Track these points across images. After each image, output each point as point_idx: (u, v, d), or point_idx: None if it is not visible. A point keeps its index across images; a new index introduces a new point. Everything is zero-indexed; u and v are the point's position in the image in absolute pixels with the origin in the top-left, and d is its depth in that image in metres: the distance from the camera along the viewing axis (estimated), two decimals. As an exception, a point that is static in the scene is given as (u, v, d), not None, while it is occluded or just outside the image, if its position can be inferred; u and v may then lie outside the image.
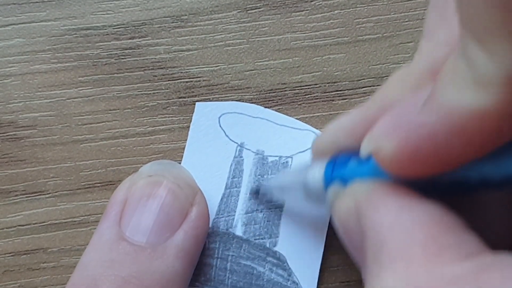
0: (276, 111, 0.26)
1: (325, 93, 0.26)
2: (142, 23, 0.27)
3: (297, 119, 0.26)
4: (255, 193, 0.25)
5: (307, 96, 0.26)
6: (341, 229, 0.19)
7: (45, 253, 0.25)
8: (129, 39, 0.27)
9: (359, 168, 0.19)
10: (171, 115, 0.26)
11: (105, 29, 0.27)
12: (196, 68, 0.27)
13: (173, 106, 0.26)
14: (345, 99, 0.26)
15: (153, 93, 0.26)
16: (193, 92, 0.26)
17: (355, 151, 0.19)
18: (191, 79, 0.26)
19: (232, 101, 0.26)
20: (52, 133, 0.26)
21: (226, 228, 0.25)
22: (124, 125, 0.26)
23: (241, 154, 0.26)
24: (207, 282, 0.24)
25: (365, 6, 0.27)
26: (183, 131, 0.26)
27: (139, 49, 0.27)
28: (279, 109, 0.26)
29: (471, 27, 0.14)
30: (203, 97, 0.26)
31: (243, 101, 0.26)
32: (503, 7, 0.13)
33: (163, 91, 0.26)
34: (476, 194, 0.18)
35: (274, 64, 0.27)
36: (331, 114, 0.26)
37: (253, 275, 0.24)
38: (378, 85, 0.26)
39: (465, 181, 0.16)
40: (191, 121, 0.26)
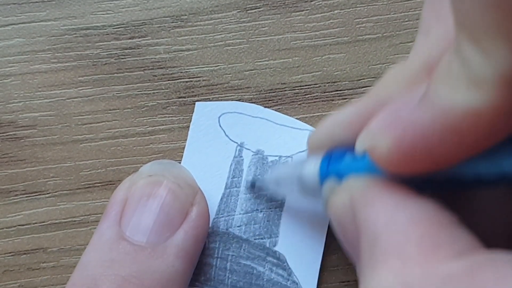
0: (276, 111, 0.26)
1: (325, 93, 0.26)
2: (142, 23, 0.27)
3: (297, 119, 0.26)
4: (251, 186, 0.25)
5: (307, 96, 0.26)
6: (336, 225, 0.19)
7: (45, 253, 0.25)
8: (129, 39, 0.27)
9: (355, 164, 0.19)
10: (171, 115, 0.26)
11: (105, 29, 0.27)
12: (196, 68, 0.27)
13: (173, 106, 0.26)
14: (345, 99, 0.26)
15: (153, 93, 0.26)
16: (193, 92, 0.26)
17: (350, 146, 0.19)
18: (191, 79, 0.26)
19: (232, 101, 0.26)
20: (52, 133, 0.26)
21: (226, 228, 0.25)
22: (124, 125, 0.26)
23: (241, 154, 0.26)
24: (207, 281, 0.24)
25: (365, 6, 0.27)
26: (183, 131, 0.26)
27: (139, 49, 0.27)
28: (279, 109, 0.26)
29: (465, 26, 0.14)
30: (203, 97, 0.26)
31: (243, 101, 0.26)
32: (497, 7, 0.13)
33: (163, 91, 0.26)
34: (470, 190, 0.18)
35: (274, 64, 0.27)
36: (331, 113, 0.26)
37: (253, 275, 0.24)
38: (378, 85, 0.26)
39: (459, 178, 0.16)
40: (191, 121, 0.26)
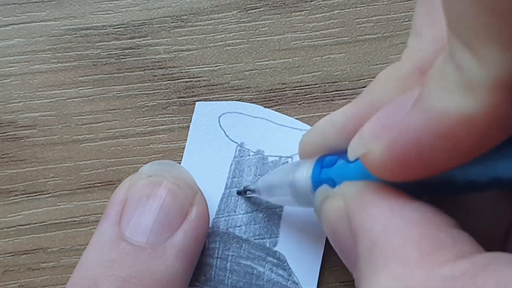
0: (276, 111, 0.26)
1: (325, 93, 0.26)
2: (142, 23, 0.27)
3: (297, 119, 0.26)
4: (242, 193, 0.25)
5: (307, 96, 0.26)
6: (329, 231, 0.19)
7: (45, 253, 0.25)
8: (129, 39, 0.27)
9: (348, 169, 0.19)
10: (171, 115, 0.26)
11: (105, 29, 0.27)
12: (196, 68, 0.27)
13: (173, 106, 0.26)
14: (345, 99, 0.26)
15: (153, 93, 0.26)
16: (193, 92, 0.26)
17: (343, 150, 0.19)
18: (191, 79, 0.26)
19: (232, 101, 0.26)
20: (52, 133, 0.26)
21: (226, 228, 0.25)
22: (124, 125, 0.26)
23: (241, 154, 0.26)
24: (207, 282, 0.24)
25: (365, 6, 0.27)
26: (183, 131, 0.26)
27: (139, 49, 0.27)
28: (279, 109, 0.26)
29: (458, 30, 0.14)
30: (203, 97, 0.26)
31: (243, 101, 0.26)
32: (489, 11, 0.13)
33: (163, 91, 0.26)
34: (464, 195, 0.18)
35: (274, 64, 0.27)
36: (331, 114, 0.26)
37: (253, 275, 0.24)
38: (378, 85, 0.26)
39: (453, 183, 0.16)
40: (191, 121, 0.26)
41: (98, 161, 0.26)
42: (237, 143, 0.26)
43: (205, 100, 0.26)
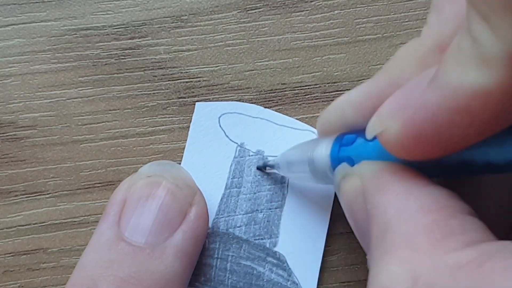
0: (276, 111, 0.26)
1: (325, 93, 0.26)
2: (142, 23, 0.27)
3: (297, 119, 0.26)
4: (262, 168, 0.25)
5: (307, 96, 0.26)
6: (347, 210, 0.19)
7: (45, 253, 0.25)
8: (129, 39, 0.27)
9: (366, 147, 0.18)
10: (171, 115, 0.26)
11: (105, 29, 0.27)
12: (196, 68, 0.27)
13: (173, 106, 0.26)
14: (345, 99, 0.26)
15: (153, 93, 0.26)
16: (193, 92, 0.26)
17: (361, 128, 0.19)
18: (191, 79, 0.26)
19: (232, 101, 0.26)
20: (52, 133, 0.26)
21: (226, 228, 0.25)
22: (124, 125, 0.26)
23: (241, 154, 0.26)
24: (207, 282, 0.24)
25: (365, 6, 0.27)
26: (183, 131, 0.26)
27: (139, 49, 0.27)
28: (279, 109, 0.26)
29: (476, 3, 0.14)
30: (203, 97, 0.26)
31: (243, 101, 0.26)
32: None
33: (163, 91, 0.26)
34: (480, 176, 0.18)
35: (274, 64, 0.27)
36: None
37: (253, 275, 0.24)
38: (378, 85, 0.26)
39: (470, 164, 0.16)
40: (191, 121, 0.26)
41: (98, 162, 0.26)
42: (237, 143, 0.26)
43: (205, 100, 0.26)
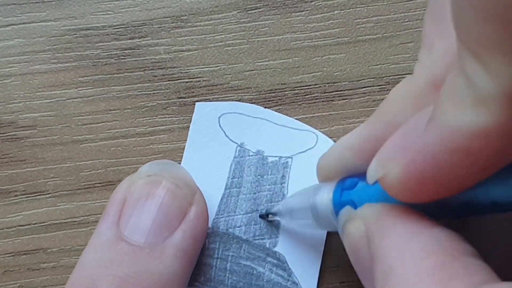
0: (276, 111, 0.26)
1: (325, 93, 0.26)
2: (142, 23, 0.27)
3: (297, 119, 0.26)
4: (264, 217, 0.25)
5: (307, 96, 0.26)
6: (351, 253, 0.19)
7: (45, 253, 0.25)
8: (129, 39, 0.27)
9: (368, 191, 0.18)
10: (171, 115, 0.26)
11: (105, 29, 0.27)
12: (196, 68, 0.27)
13: (173, 106, 0.26)
14: (345, 99, 0.26)
15: (153, 93, 0.26)
16: (193, 92, 0.26)
17: (362, 172, 0.18)
18: (191, 79, 0.26)
19: (232, 101, 0.26)
20: (52, 133, 0.26)
21: (226, 228, 0.25)
22: (124, 125, 0.26)
23: (241, 154, 0.26)
24: (207, 282, 0.24)
25: (365, 6, 0.27)
26: (183, 131, 0.26)
27: (139, 49, 0.27)
28: (279, 109, 0.26)
29: (467, 42, 0.14)
30: (203, 97, 0.26)
31: (243, 101, 0.26)
32: (497, 21, 0.13)
33: (163, 91, 0.26)
34: (485, 216, 0.18)
35: (274, 64, 0.27)
36: (331, 114, 0.26)
37: (253, 276, 0.24)
38: (378, 85, 0.26)
39: (474, 203, 0.16)
40: (191, 121, 0.26)
41: (98, 162, 0.26)
42: (237, 143, 0.26)
43: (205, 100, 0.26)
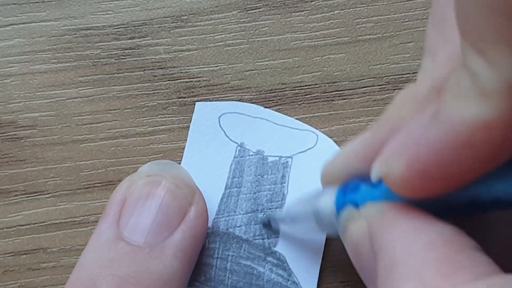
0: (276, 111, 0.26)
1: (325, 93, 0.26)
2: (142, 23, 0.27)
3: (297, 119, 0.26)
4: (266, 224, 0.25)
5: (307, 96, 0.26)
6: (352, 252, 0.19)
7: (45, 253, 0.25)
8: (129, 39, 0.27)
9: (371, 192, 0.18)
10: (171, 115, 0.26)
11: (105, 29, 0.27)
12: (196, 68, 0.27)
13: (173, 106, 0.26)
14: (345, 99, 0.26)
15: (153, 93, 0.26)
16: (193, 92, 0.26)
17: (366, 176, 0.18)
18: (191, 79, 0.26)
19: (232, 101, 0.26)
20: (52, 133, 0.26)
21: (226, 228, 0.25)
22: (124, 125, 0.26)
23: (241, 154, 0.26)
24: (207, 282, 0.24)
25: (365, 6, 0.27)
26: (183, 131, 0.26)
27: (139, 49, 0.27)
28: (279, 109, 0.26)
29: (470, 36, 0.14)
30: (203, 97, 0.26)
31: (243, 101, 0.26)
32: (499, 13, 0.13)
33: (163, 91, 0.26)
34: (488, 214, 0.18)
35: (274, 64, 0.27)
36: (331, 114, 0.26)
37: (253, 275, 0.24)
38: (378, 85, 0.26)
39: (478, 201, 0.16)
40: (191, 121, 0.26)
41: (98, 161, 0.26)
42: (237, 143, 0.26)
43: (205, 100, 0.26)
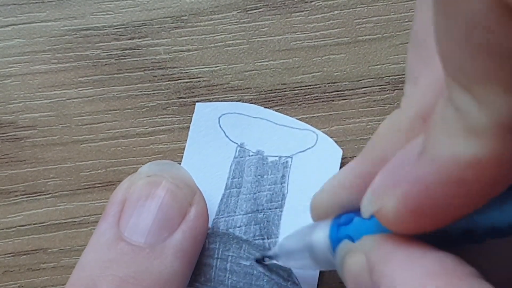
0: (276, 111, 0.26)
1: (325, 93, 0.26)
2: (142, 23, 0.27)
3: (297, 119, 0.26)
4: (261, 261, 0.24)
5: (307, 97, 0.26)
6: (352, 285, 0.18)
7: (45, 254, 0.25)
8: (129, 39, 0.27)
9: (365, 224, 0.18)
10: (171, 116, 0.26)
11: (105, 30, 0.27)
12: (196, 69, 0.27)
13: (173, 106, 0.26)
14: (345, 99, 0.26)
15: (153, 93, 0.26)
16: (193, 92, 0.26)
17: (357, 207, 0.18)
18: (191, 80, 0.26)
19: (232, 101, 0.26)
20: (52, 133, 0.26)
21: (226, 229, 0.25)
22: (124, 126, 0.26)
23: (241, 155, 0.26)
24: (207, 282, 0.24)
25: (365, 6, 0.27)
26: (183, 131, 0.26)
27: (139, 49, 0.27)
28: (279, 109, 0.26)
29: (454, 73, 0.13)
30: (203, 98, 0.26)
31: (243, 102, 0.26)
32: (486, 53, 0.12)
33: (163, 91, 0.26)
34: (486, 242, 0.18)
35: (274, 64, 0.27)
36: (331, 114, 0.26)
37: (253, 276, 0.24)
38: (378, 85, 0.26)
39: (474, 231, 0.16)
40: (191, 121, 0.26)
41: (98, 162, 0.26)
42: (237, 143, 0.26)
43: (205, 100, 0.26)
